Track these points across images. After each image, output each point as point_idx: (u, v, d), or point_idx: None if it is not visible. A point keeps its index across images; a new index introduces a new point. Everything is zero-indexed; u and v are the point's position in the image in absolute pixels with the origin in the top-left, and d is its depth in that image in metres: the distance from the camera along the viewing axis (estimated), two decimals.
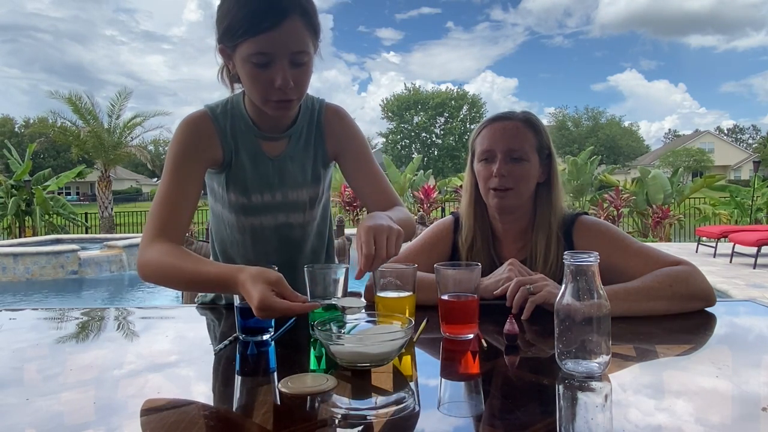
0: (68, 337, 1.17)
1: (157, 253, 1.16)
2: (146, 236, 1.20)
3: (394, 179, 17.92)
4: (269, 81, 1.15)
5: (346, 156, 1.42)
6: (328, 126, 1.40)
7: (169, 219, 1.22)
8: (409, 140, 48.96)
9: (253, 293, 0.94)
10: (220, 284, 1.06)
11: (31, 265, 9.18)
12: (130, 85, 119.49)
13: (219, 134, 1.31)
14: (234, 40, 1.13)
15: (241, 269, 1.02)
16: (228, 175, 1.34)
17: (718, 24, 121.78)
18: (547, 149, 1.42)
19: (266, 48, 1.11)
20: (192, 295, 1.74)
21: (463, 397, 0.82)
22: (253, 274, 0.98)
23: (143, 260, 1.17)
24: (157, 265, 1.15)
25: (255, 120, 1.33)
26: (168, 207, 1.23)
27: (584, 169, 15.86)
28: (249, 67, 1.14)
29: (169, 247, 1.17)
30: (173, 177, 1.25)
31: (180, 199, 1.25)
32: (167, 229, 1.21)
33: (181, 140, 1.28)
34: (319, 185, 1.43)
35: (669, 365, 0.91)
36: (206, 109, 1.33)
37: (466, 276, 1.05)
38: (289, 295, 0.97)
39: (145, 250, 1.18)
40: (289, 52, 1.13)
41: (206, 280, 1.08)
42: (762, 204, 13.36)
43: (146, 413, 0.74)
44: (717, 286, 6.07)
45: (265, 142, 1.34)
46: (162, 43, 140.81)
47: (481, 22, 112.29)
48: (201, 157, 1.29)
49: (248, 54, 1.12)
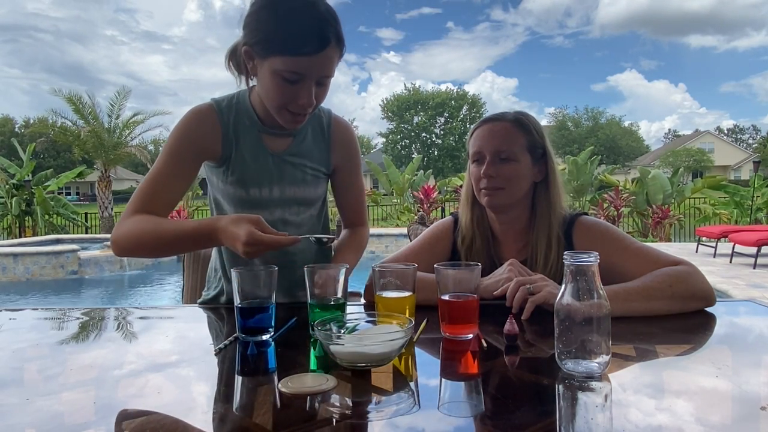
0: (68, 337, 1.17)
1: (132, 223, 1.19)
2: (126, 212, 1.24)
3: (394, 179, 17.93)
4: (293, 96, 1.18)
5: (343, 170, 1.49)
6: (335, 138, 1.45)
7: (152, 197, 1.26)
8: (409, 140, 48.97)
9: (238, 231, 0.99)
10: (202, 236, 1.11)
11: (31, 265, 9.18)
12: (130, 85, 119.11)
13: (221, 128, 1.33)
14: (268, 52, 1.15)
15: (219, 218, 1.08)
16: (227, 169, 1.36)
17: (718, 24, 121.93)
18: (540, 148, 1.42)
19: (300, 69, 1.15)
20: (193, 294, 1.74)
21: (463, 397, 0.82)
22: (233, 218, 1.04)
23: (118, 233, 1.20)
24: (132, 233, 1.18)
25: (260, 115, 1.35)
26: (154, 186, 1.27)
27: (584, 169, 15.85)
28: (277, 80, 1.17)
29: (140, 216, 1.20)
30: (167, 160, 1.29)
31: (169, 180, 1.28)
32: (148, 206, 1.24)
33: (183, 128, 1.31)
34: (318, 187, 1.46)
35: (669, 365, 0.91)
36: (212, 102, 1.36)
37: (466, 276, 1.05)
38: (272, 231, 1.01)
39: (121, 224, 1.21)
40: (319, 75, 1.18)
41: (186, 236, 1.12)
42: (762, 204, 13.35)
43: (146, 413, 0.74)
44: (717, 286, 6.07)
45: (268, 137, 1.37)
46: (162, 43, 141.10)
47: (482, 22, 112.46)
48: (199, 146, 1.32)
49: (280, 69, 1.15)
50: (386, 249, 10.78)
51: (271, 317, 1.07)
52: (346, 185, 1.52)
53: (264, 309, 1.05)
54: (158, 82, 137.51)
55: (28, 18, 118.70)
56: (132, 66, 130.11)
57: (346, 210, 1.57)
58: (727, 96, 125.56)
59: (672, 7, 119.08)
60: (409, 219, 14.33)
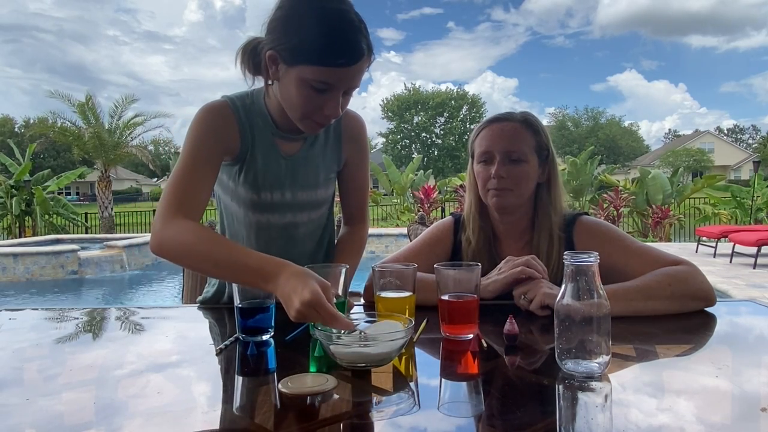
0: (69, 337, 1.17)
1: (181, 230, 1.11)
2: (163, 212, 1.15)
3: (394, 179, 17.92)
4: (319, 105, 1.15)
5: (351, 164, 1.46)
6: (346, 131, 1.42)
7: (186, 197, 1.18)
8: (409, 140, 48.98)
9: (302, 289, 0.91)
10: (260, 276, 1.00)
11: (31, 265, 9.18)
12: (131, 85, 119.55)
13: (239, 125, 1.29)
14: (299, 60, 1.11)
15: (287, 264, 0.99)
16: (240, 170, 1.33)
17: (718, 24, 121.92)
18: (546, 150, 1.42)
19: (331, 80, 1.11)
20: (193, 294, 1.74)
21: (463, 397, 0.82)
22: (301, 271, 0.96)
23: (163, 235, 1.13)
24: (183, 243, 1.11)
25: (275, 118, 1.31)
26: (186, 185, 1.19)
27: (584, 169, 15.85)
28: (305, 89, 1.13)
29: (194, 225, 1.13)
30: (192, 158, 1.22)
31: (198, 179, 1.21)
32: (187, 205, 1.17)
33: (203, 125, 1.25)
34: (329, 188, 1.44)
35: (669, 365, 0.91)
36: (226, 99, 1.31)
37: (466, 276, 1.05)
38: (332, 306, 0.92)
39: (166, 224, 1.13)
40: (348, 86, 1.15)
41: (243, 269, 1.02)
42: (762, 204, 13.35)
43: (146, 414, 0.74)
44: (717, 286, 6.07)
45: (281, 140, 1.34)
46: (164, 44, 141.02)
47: (483, 22, 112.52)
48: (221, 143, 1.27)
49: (309, 78, 1.11)
50: (386, 249, 10.78)
51: (271, 317, 1.07)
52: (352, 178, 1.49)
53: (264, 309, 1.05)
54: (160, 82, 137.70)
55: (30, 18, 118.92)
56: (133, 66, 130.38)
57: (350, 204, 1.54)
58: (727, 96, 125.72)
59: (672, 7, 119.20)
60: (409, 219, 14.33)
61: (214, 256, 1.08)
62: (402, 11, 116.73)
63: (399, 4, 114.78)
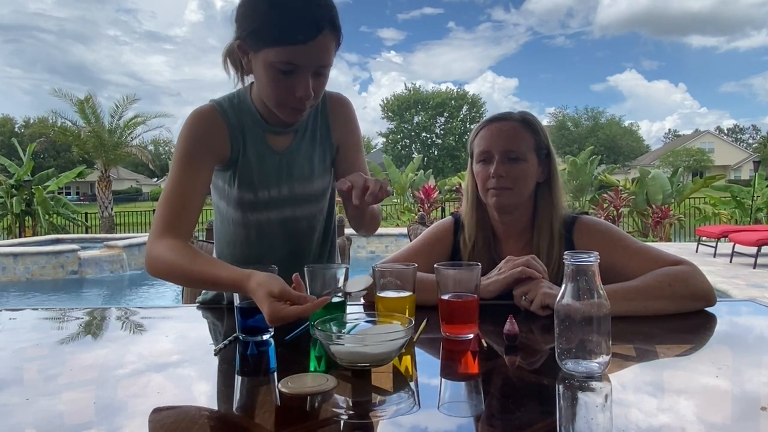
0: (69, 337, 1.17)
1: (165, 250, 1.15)
2: (154, 231, 1.19)
3: (395, 179, 17.91)
4: (290, 88, 1.14)
5: (344, 147, 1.43)
6: (333, 116, 1.40)
7: (177, 214, 1.21)
8: (409, 140, 48.97)
9: (263, 308, 0.95)
10: (234, 287, 1.06)
11: (31, 265, 9.18)
12: (132, 85, 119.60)
13: (228, 129, 1.29)
14: (261, 44, 1.12)
15: (249, 276, 1.01)
16: (235, 172, 1.33)
17: (718, 24, 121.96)
18: (545, 149, 1.42)
19: (295, 59, 1.11)
20: (193, 294, 1.74)
21: (463, 397, 0.82)
22: (261, 282, 0.98)
23: (152, 256, 1.17)
24: (165, 262, 1.14)
25: (263, 114, 1.31)
26: (176, 201, 1.22)
27: (584, 169, 15.85)
28: (272, 72, 1.13)
29: (178, 243, 1.16)
30: (182, 171, 1.23)
31: (189, 192, 1.23)
32: (175, 224, 1.20)
33: (191, 133, 1.26)
34: (326, 177, 1.42)
35: (669, 365, 0.91)
36: (214, 104, 1.31)
37: (466, 276, 1.05)
38: (295, 298, 0.95)
39: (154, 245, 1.17)
40: (316, 65, 1.13)
41: (221, 284, 1.08)
42: (762, 204, 13.35)
43: (146, 413, 0.74)
44: (717, 286, 6.07)
45: (272, 136, 1.34)
46: (164, 44, 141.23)
47: (483, 22, 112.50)
48: (211, 150, 1.28)
49: (274, 61, 1.11)
50: (386, 249, 10.78)
51: None
52: (350, 161, 1.42)
53: None
54: (160, 82, 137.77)
55: (31, 18, 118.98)
56: (134, 66, 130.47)
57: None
58: (727, 96, 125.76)
59: (672, 7, 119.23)
60: (409, 219, 14.33)
61: (194, 275, 1.12)
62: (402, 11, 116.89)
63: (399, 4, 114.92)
